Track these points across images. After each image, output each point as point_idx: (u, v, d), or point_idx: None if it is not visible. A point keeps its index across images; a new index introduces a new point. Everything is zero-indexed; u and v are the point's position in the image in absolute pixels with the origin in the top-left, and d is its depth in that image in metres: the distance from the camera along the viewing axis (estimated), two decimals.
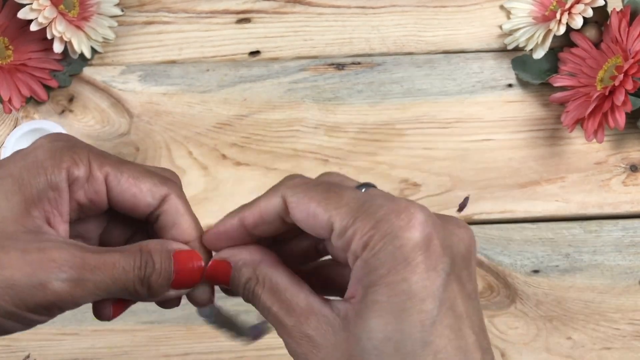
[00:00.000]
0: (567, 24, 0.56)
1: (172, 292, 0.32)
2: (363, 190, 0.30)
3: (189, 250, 0.32)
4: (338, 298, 0.29)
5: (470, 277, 0.28)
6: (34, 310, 0.28)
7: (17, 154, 0.31)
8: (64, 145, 0.31)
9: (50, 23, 0.55)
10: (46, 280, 0.28)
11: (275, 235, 0.32)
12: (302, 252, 0.34)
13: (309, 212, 0.29)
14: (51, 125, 0.51)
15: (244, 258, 0.31)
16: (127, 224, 0.34)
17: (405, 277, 0.26)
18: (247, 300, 0.31)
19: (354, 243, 0.27)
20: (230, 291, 0.33)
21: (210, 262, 0.32)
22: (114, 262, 0.30)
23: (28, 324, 0.29)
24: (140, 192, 0.31)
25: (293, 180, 0.30)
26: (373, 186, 0.30)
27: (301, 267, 0.33)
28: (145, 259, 0.30)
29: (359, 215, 0.27)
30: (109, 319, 0.32)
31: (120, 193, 0.31)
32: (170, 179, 0.33)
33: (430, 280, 0.26)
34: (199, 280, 0.32)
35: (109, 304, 0.31)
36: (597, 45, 0.57)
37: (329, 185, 0.30)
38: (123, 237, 0.34)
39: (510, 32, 0.60)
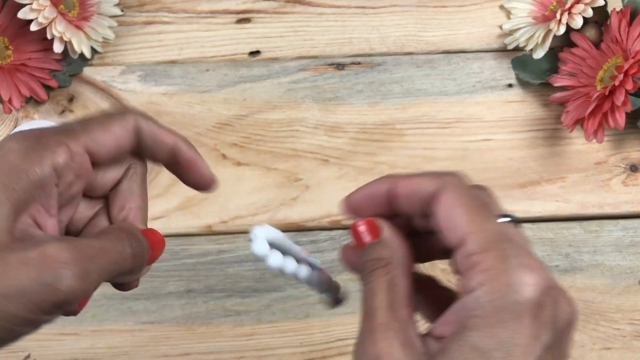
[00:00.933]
0: (567, 24, 0.56)
1: (145, 269, 0.33)
2: (507, 220, 0.30)
3: (150, 229, 0.34)
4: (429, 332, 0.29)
5: (564, 353, 0.29)
6: (48, 312, 0.29)
7: None
8: (33, 141, 0.31)
9: (50, 23, 0.55)
10: (54, 280, 0.28)
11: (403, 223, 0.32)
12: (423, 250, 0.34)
13: (452, 215, 0.29)
14: (51, 125, 0.51)
15: (396, 241, 0.31)
16: (91, 202, 0.35)
17: (511, 333, 0.26)
18: (356, 270, 0.31)
19: (475, 271, 0.28)
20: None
21: (364, 221, 0.32)
22: (108, 248, 0.30)
23: (39, 326, 0.29)
24: (116, 135, 0.33)
25: (454, 177, 0.31)
26: (515, 219, 0.31)
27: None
28: (132, 239, 0.32)
29: (494, 249, 0.28)
30: (75, 313, 0.33)
31: (104, 148, 0.32)
32: (127, 110, 0.34)
33: (531, 346, 0.27)
34: (161, 254, 0.34)
35: None
36: (597, 45, 0.57)
37: (482, 202, 0.30)
38: (87, 215, 0.35)
39: (510, 32, 0.60)
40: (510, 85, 0.60)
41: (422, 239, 0.33)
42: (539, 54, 0.58)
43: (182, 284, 0.55)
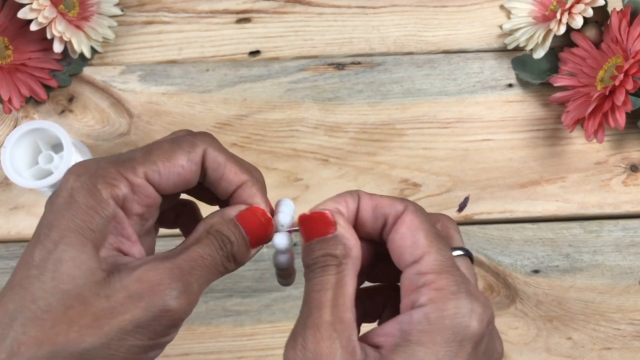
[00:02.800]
0: (567, 23, 0.56)
1: (253, 251, 0.32)
2: (461, 254, 0.31)
3: (249, 208, 0.32)
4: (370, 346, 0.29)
5: None
6: (166, 333, 0.29)
7: (54, 207, 0.30)
8: (93, 175, 0.30)
9: (50, 23, 0.54)
10: (164, 304, 0.28)
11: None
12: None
13: (413, 234, 0.30)
14: (51, 125, 0.51)
15: (351, 239, 0.31)
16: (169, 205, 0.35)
17: (452, 355, 0.27)
18: (309, 262, 0.31)
19: (427, 288, 0.28)
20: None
21: (318, 212, 0.31)
22: (200, 256, 0.30)
23: (163, 347, 0.30)
24: (182, 168, 0.31)
25: (416, 204, 0.32)
26: (469, 255, 0.32)
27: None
28: (220, 239, 0.31)
29: (448, 272, 0.29)
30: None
31: (165, 181, 0.31)
32: (199, 136, 0.33)
33: None
34: (272, 228, 0.32)
35: None
36: (597, 45, 0.57)
37: (440, 232, 0.31)
38: (174, 213, 0.36)
39: (511, 32, 0.60)
40: (510, 85, 0.60)
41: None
42: (539, 54, 0.58)
43: None
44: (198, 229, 0.32)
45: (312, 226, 0.31)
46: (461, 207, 0.57)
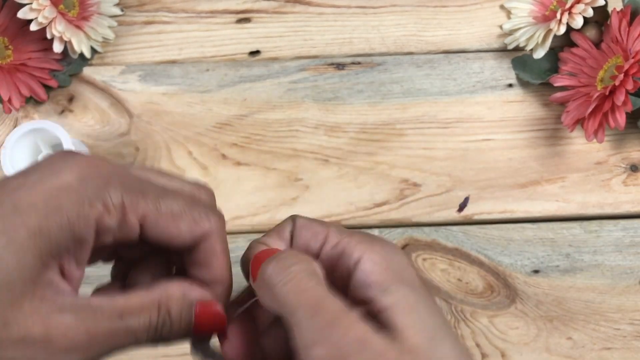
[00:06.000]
0: (567, 23, 0.56)
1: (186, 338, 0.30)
2: None
3: (211, 302, 0.30)
4: None
5: None
6: None
7: (33, 182, 0.27)
8: (95, 184, 0.27)
9: (50, 23, 0.54)
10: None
11: None
12: None
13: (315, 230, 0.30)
14: (51, 125, 0.51)
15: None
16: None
17: None
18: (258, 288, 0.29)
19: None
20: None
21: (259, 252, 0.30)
22: (127, 331, 0.28)
23: None
24: (178, 234, 0.29)
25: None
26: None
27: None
28: (163, 319, 0.29)
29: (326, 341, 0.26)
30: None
31: (155, 233, 0.29)
32: (213, 214, 0.30)
33: None
34: (218, 330, 0.30)
35: None
36: (597, 45, 0.57)
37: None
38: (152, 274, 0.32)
39: (511, 32, 0.60)
40: (510, 85, 0.60)
41: None
42: (539, 54, 0.58)
43: None
44: (152, 291, 0.29)
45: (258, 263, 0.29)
46: (461, 207, 0.57)
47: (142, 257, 0.32)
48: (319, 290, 0.27)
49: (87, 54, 0.58)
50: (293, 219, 0.32)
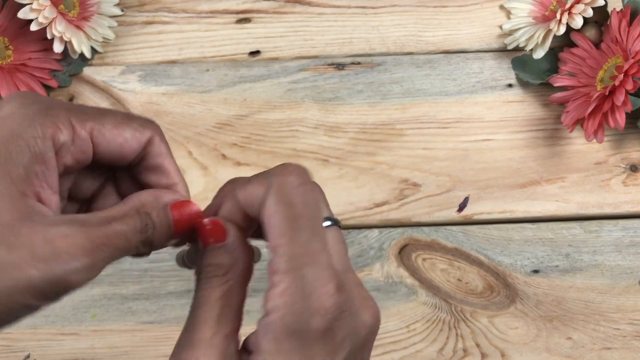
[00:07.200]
0: (567, 24, 0.56)
1: (172, 241, 0.31)
2: (328, 225, 0.30)
3: (184, 201, 0.31)
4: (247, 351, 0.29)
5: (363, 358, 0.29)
6: (55, 299, 0.28)
7: None
8: (40, 109, 0.29)
9: (50, 23, 0.55)
10: (64, 274, 0.27)
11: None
12: None
13: (270, 223, 0.28)
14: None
15: (241, 248, 0.30)
16: (97, 173, 0.33)
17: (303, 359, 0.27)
18: (198, 271, 0.30)
19: (273, 292, 0.28)
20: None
21: (210, 220, 0.31)
22: (117, 234, 0.29)
23: (40, 309, 0.29)
24: (125, 141, 0.31)
25: (279, 177, 0.30)
26: (336, 223, 0.30)
27: None
28: (145, 222, 0.30)
29: (294, 269, 0.27)
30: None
31: (106, 146, 0.30)
32: (149, 121, 0.32)
33: None
34: (202, 228, 0.31)
35: None
36: (597, 45, 0.57)
37: (300, 210, 0.29)
38: (93, 187, 0.34)
39: (510, 32, 0.60)
40: (510, 85, 0.60)
41: None
42: (539, 54, 0.58)
43: (182, 283, 0.55)
44: (127, 202, 0.31)
45: (205, 233, 0.30)
46: (461, 207, 0.57)
47: (99, 191, 0.34)
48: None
49: (87, 54, 0.58)
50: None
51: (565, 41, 0.58)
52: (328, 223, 0.30)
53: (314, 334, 0.27)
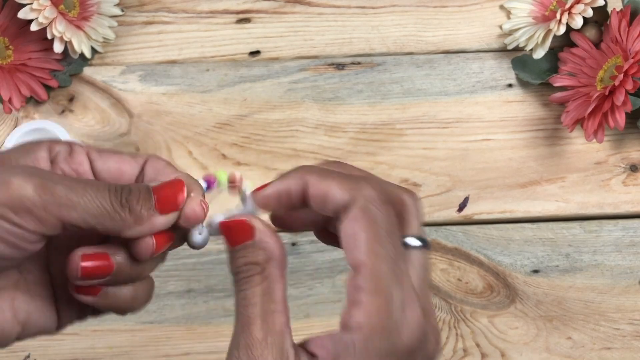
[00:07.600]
0: (567, 24, 0.56)
1: (161, 219, 0.30)
2: (415, 245, 0.30)
3: (173, 182, 0.31)
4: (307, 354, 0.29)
5: None
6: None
7: None
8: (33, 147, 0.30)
9: (50, 23, 0.55)
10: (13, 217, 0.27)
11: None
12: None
13: (353, 238, 0.28)
14: (51, 125, 0.51)
15: (272, 241, 0.30)
16: None
17: None
18: (233, 272, 0.30)
19: (358, 309, 0.27)
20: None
21: (235, 220, 0.31)
22: (88, 196, 0.28)
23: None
24: (123, 161, 0.31)
25: (367, 190, 0.29)
26: (425, 244, 0.30)
27: None
28: (120, 186, 0.29)
29: (381, 293, 0.27)
30: (152, 253, 0.31)
31: (104, 164, 0.31)
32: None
33: None
34: (183, 197, 0.30)
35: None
36: (597, 45, 0.57)
37: (387, 228, 0.29)
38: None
39: (510, 32, 0.60)
40: (510, 85, 0.60)
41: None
42: (539, 54, 0.58)
43: (182, 283, 0.55)
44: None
45: (232, 234, 0.30)
46: (461, 207, 0.57)
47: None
48: None
49: (88, 54, 0.58)
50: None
51: (565, 41, 0.58)
52: (418, 243, 0.30)
53: (397, 357, 0.27)
